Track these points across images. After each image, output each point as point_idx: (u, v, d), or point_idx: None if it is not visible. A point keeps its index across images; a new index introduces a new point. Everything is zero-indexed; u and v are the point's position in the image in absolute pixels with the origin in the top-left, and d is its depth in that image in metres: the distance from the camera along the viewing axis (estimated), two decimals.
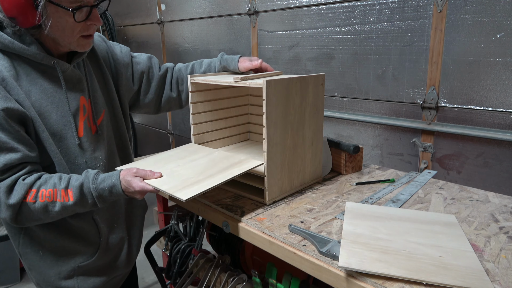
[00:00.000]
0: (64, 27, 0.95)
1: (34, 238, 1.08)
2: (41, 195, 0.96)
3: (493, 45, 1.42)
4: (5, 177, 0.94)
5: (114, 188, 1.01)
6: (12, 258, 2.52)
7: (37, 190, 0.96)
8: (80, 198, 0.99)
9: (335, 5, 1.89)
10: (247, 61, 1.31)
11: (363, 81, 1.85)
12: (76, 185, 0.99)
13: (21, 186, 0.95)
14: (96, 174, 1.02)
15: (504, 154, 1.46)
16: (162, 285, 1.54)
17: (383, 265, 0.80)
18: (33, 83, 0.99)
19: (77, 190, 0.99)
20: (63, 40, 0.99)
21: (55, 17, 0.93)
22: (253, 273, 1.15)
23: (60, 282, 1.11)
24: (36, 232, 1.07)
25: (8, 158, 0.93)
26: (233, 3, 2.48)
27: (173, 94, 1.37)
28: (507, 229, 0.97)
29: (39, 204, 0.96)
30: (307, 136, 1.21)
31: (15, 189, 0.95)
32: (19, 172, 0.96)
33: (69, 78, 1.05)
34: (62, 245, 1.09)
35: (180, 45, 3.08)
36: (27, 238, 1.08)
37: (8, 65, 0.95)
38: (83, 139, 1.07)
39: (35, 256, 1.10)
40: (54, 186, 0.98)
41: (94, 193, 1.00)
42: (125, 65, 1.25)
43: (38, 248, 1.09)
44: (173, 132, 3.41)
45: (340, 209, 1.10)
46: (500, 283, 0.76)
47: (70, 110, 1.04)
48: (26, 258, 1.11)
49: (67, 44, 1.00)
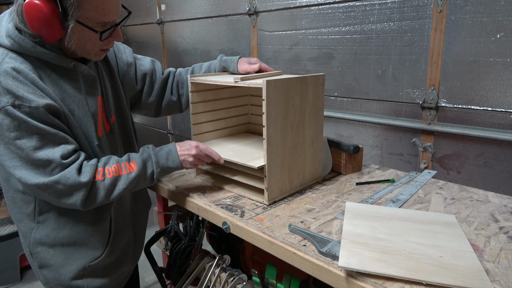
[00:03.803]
0: (87, 42, 0.98)
1: (45, 236, 1.09)
2: (108, 172, 1.02)
3: (493, 45, 1.42)
4: (69, 162, 0.98)
5: (171, 153, 1.11)
6: (12, 258, 2.52)
7: (103, 168, 1.02)
8: (142, 167, 1.07)
9: (335, 5, 1.89)
10: (246, 64, 1.33)
11: (363, 81, 1.85)
12: (137, 156, 1.08)
13: (88, 167, 1.00)
14: (153, 146, 1.13)
15: (504, 154, 1.46)
16: (162, 285, 1.54)
17: (383, 265, 0.80)
18: (54, 84, 1.00)
19: (139, 160, 1.07)
20: (82, 52, 1.02)
21: (80, 35, 0.96)
22: (253, 273, 1.15)
23: (70, 281, 1.12)
24: (47, 230, 1.09)
25: (66, 148, 0.97)
26: (233, 3, 2.48)
27: (173, 98, 1.38)
28: (507, 229, 0.97)
29: (108, 180, 1.02)
30: (307, 136, 1.21)
31: (84, 170, 0.99)
32: (79, 158, 1.00)
33: (86, 79, 1.06)
34: (73, 243, 1.11)
35: (180, 45, 3.08)
36: (38, 236, 1.09)
37: (31, 68, 0.96)
38: (102, 139, 1.10)
39: (46, 255, 1.11)
40: (117, 162, 1.05)
41: (154, 159, 1.09)
42: (129, 64, 1.27)
43: (49, 247, 1.10)
44: (173, 132, 3.41)
45: (340, 209, 1.10)
46: (500, 283, 0.76)
47: (90, 110, 1.06)
48: (37, 257, 1.12)
49: (85, 55, 1.03)
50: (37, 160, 0.94)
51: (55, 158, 0.95)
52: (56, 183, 0.95)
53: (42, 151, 0.94)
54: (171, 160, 1.11)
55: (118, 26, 1.01)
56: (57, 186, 0.96)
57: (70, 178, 0.96)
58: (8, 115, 0.90)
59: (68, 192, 0.97)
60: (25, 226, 1.10)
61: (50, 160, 0.94)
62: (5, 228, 2.60)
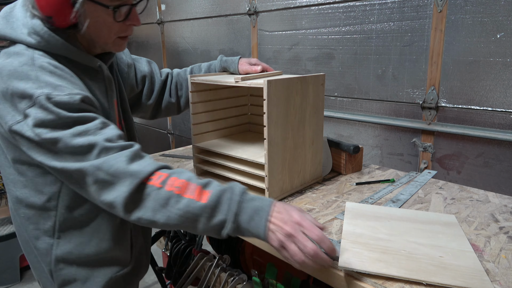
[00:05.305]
0: (102, 26, 0.90)
1: (68, 253, 0.98)
2: (171, 182, 0.80)
3: (493, 45, 1.42)
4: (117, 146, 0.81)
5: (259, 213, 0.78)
6: (12, 258, 2.52)
7: (168, 175, 0.81)
8: (214, 205, 0.78)
9: (335, 5, 1.89)
10: (247, 65, 1.31)
11: (363, 81, 1.85)
12: (218, 189, 0.81)
13: (149, 161, 0.82)
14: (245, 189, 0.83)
15: (504, 154, 1.46)
16: (162, 285, 1.54)
17: (383, 265, 0.80)
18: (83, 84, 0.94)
19: (216, 194, 0.79)
20: (99, 41, 0.94)
21: (93, 17, 0.87)
22: (253, 273, 1.15)
23: None
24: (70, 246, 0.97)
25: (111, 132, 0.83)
26: (233, 3, 2.48)
27: (172, 100, 1.36)
28: (507, 229, 0.97)
29: (164, 192, 0.79)
30: (308, 136, 1.21)
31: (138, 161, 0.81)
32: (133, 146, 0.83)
33: (109, 80, 1.02)
34: (99, 257, 1.01)
35: (180, 45, 3.08)
36: (60, 253, 0.97)
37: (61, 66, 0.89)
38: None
39: (69, 271, 0.99)
40: (189, 179, 0.81)
41: (234, 207, 0.78)
42: (129, 65, 1.24)
43: (73, 263, 0.99)
44: (173, 132, 3.41)
45: (340, 209, 1.10)
46: (500, 283, 0.76)
47: (111, 114, 1.01)
48: (59, 275, 1.00)
49: (103, 44, 0.95)
50: (78, 146, 0.79)
51: (98, 141, 0.80)
52: (97, 169, 0.78)
53: (82, 137, 0.80)
54: (255, 223, 0.78)
55: (134, 6, 0.92)
56: (98, 174, 0.79)
57: (114, 165, 0.78)
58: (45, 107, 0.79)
59: (109, 183, 0.79)
60: (44, 243, 0.97)
61: (91, 144, 0.80)
62: (5, 228, 2.60)
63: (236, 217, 0.78)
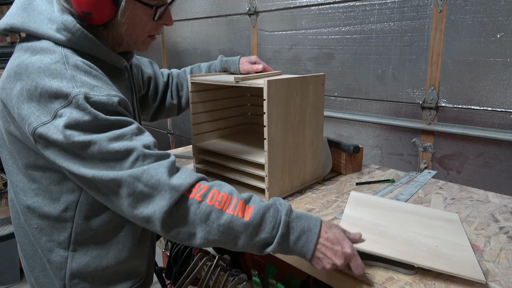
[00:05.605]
0: (137, 25, 0.87)
1: (85, 265, 0.90)
2: (212, 196, 0.75)
3: (493, 45, 1.42)
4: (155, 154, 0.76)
5: (307, 235, 0.76)
6: (12, 258, 2.52)
7: (208, 188, 0.76)
8: (257, 223, 0.74)
9: (335, 5, 1.89)
10: (247, 64, 1.31)
11: (363, 81, 1.85)
12: (262, 205, 0.77)
13: (187, 173, 0.77)
14: (290, 205, 0.80)
15: (504, 154, 1.46)
16: (162, 285, 1.54)
17: (378, 246, 0.81)
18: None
19: (261, 211, 0.75)
20: (129, 39, 0.90)
21: (131, 14, 0.84)
22: (253, 273, 1.15)
23: None
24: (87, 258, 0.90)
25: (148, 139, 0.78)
26: (233, 3, 2.48)
27: (173, 101, 1.35)
28: (507, 229, 0.97)
29: (205, 206, 0.74)
30: (308, 136, 1.21)
31: (177, 173, 0.76)
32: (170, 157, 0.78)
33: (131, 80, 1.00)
34: (117, 269, 0.94)
35: (180, 45, 3.08)
36: (76, 266, 0.89)
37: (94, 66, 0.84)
38: None
39: (85, 285, 0.92)
40: (230, 193, 0.77)
41: (280, 227, 0.75)
42: (136, 65, 1.22)
43: (89, 277, 0.91)
44: (173, 132, 3.41)
45: (340, 209, 1.10)
46: (500, 283, 0.76)
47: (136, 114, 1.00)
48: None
49: (132, 43, 0.91)
50: (114, 152, 0.73)
51: (136, 147, 0.74)
52: (136, 180, 0.72)
53: (118, 142, 0.73)
54: (302, 243, 0.76)
55: (170, 4, 0.89)
56: (137, 185, 0.72)
57: (154, 177, 0.72)
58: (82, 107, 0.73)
59: (148, 196, 0.73)
60: (58, 256, 0.88)
61: (129, 149, 0.73)
62: (5, 228, 2.60)
63: (283, 237, 0.75)
